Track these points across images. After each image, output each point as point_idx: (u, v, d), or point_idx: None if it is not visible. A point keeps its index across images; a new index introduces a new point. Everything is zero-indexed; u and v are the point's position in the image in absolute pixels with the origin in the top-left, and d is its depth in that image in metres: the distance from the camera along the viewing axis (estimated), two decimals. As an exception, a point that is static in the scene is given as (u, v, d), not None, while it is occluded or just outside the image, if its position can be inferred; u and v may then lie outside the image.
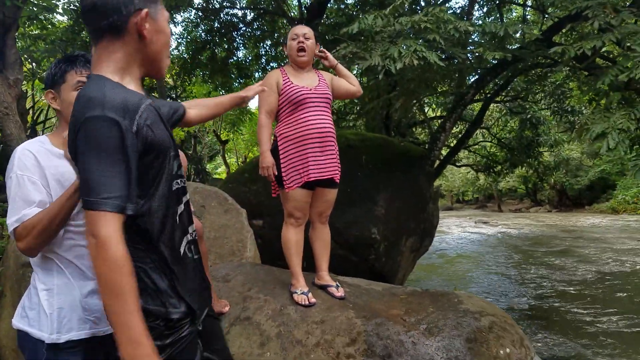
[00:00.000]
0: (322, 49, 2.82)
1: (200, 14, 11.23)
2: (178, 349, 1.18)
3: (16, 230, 1.36)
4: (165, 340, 1.16)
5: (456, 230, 17.49)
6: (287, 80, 2.65)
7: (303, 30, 2.68)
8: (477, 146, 14.78)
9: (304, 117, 2.58)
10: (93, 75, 1.13)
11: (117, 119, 1.03)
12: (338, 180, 2.72)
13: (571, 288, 7.39)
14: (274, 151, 2.65)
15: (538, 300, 6.71)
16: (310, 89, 2.63)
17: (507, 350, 2.32)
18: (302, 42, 2.65)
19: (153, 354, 1.01)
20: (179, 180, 1.24)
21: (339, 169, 2.71)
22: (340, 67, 2.87)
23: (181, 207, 1.25)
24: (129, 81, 1.17)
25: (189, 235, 1.27)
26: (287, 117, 2.63)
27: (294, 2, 12.17)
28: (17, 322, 1.45)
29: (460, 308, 2.53)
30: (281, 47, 11.77)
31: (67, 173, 1.46)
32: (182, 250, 1.23)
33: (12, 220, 1.36)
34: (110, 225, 1.00)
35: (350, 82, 2.85)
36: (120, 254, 1.00)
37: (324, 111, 2.64)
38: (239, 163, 25.21)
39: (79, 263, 1.44)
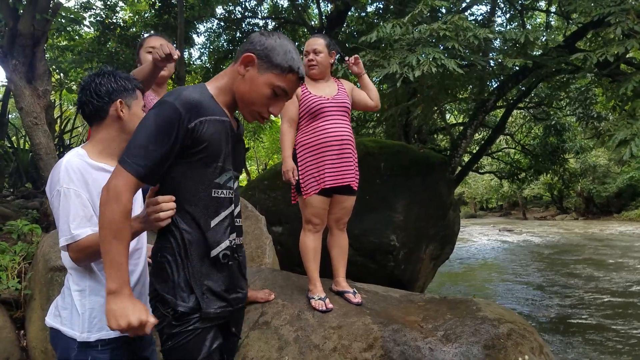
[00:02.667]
0: (356, 55, 2.86)
1: (222, 24, 11.45)
2: (181, 341, 1.27)
3: (68, 247, 1.42)
4: (171, 329, 1.27)
5: (479, 238, 17.25)
6: (306, 90, 2.71)
7: (314, 45, 2.71)
8: (500, 153, 14.58)
9: (322, 126, 2.63)
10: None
11: (180, 110, 1.23)
12: (356, 188, 2.75)
13: (598, 297, 7.21)
14: (293, 159, 2.70)
15: (562, 309, 6.57)
16: (328, 98, 2.68)
17: (526, 357, 2.30)
18: (312, 59, 2.70)
19: (130, 290, 1.21)
20: (223, 191, 1.36)
21: (357, 176, 2.74)
22: (365, 78, 2.90)
23: (221, 215, 1.35)
24: (222, 100, 1.40)
25: (228, 242, 1.36)
26: (306, 126, 2.68)
27: (315, 12, 12.30)
28: (51, 321, 1.51)
29: (479, 315, 2.51)
30: (301, 56, 11.88)
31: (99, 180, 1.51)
32: (214, 253, 1.33)
33: (62, 240, 1.42)
34: (125, 181, 1.20)
35: (370, 96, 2.87)
36: (127, 207, 1.20)
37: (342, 119, 2.68)
38: (259, 170, 25.43)
39: None
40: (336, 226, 2.82)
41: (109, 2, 9.34)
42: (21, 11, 4.09)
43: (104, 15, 9.17)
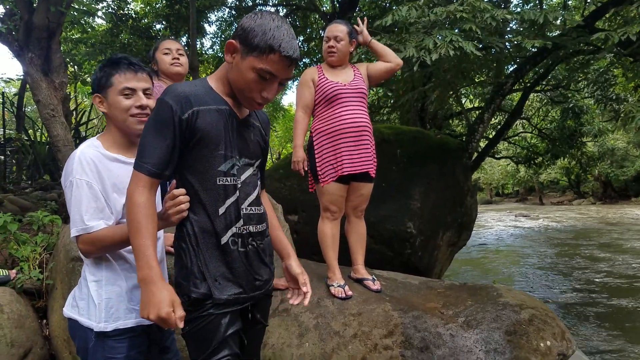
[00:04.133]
0: (356, 24, 2.83)
1: (233, 12, 11.39)
2: (197, 326, 1.32)
3: (78, 238, 1.44)
4: (187, 315, 1.30)
5: (496, 224, 17.10)
6: (322, 76, 2.68)
7: (335, 32, 2.69)
8: (517, 137, 14.36)
9: (339, 112, 2.61)
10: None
11: (171, 104, 1.28)
12: (374, 175, 2.72)
13: (617, 281, 7.10)
14: (309, 146, 2.68)
15: (581, 294, 6.49)
16: (345, 84, 2.66)
17: (548, 343, 2.27)
18: (332, 45, 2.69)
19: (161, 276, 1.24)
20: (227, 179, 1.37)
21: (375, 163, 2.71)
22: (375, 43, 2.86)
23: (227, 202, 1.36)
24: (222, 90, 1.41)
25: (234, 229, 1.37)
26: (322, 112, 2.66)
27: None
28: (68, 311, 1.53)
29: (500, 301, 2.48)
30: (314, 43, 11.80)
31: (122, 176, 1.50)
32: (224, 240, 1.35)
33: (74, 230, 1.43)
34: (139, 183, 1.28)
35: (386, 60, 2.83)
36: (141, 201, 1.26)
37: (359, 106, 2.66)
38: (273, 160, 25.46)
39: (130, 257, 1.51)
40: (354, 213, 2.80)
41: (121, -6, 9.36)
42: (35, 4, 4.11)
43: (115, 7, 9.18)
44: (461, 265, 8.83)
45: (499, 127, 11.23)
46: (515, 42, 5.03)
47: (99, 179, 1.46)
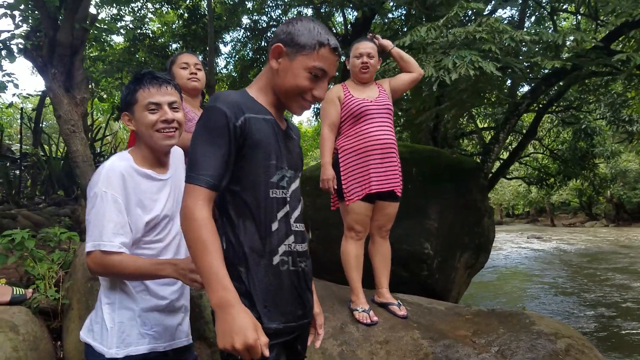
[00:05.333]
0: (375, 35, 2.84)
1: (248, 33, 11.52)
2: None
3: (91, 254, 1.37)
4: None
5: (508, 245, 16.86)
6: (348, 93, 2.66)
7: (368, 49, 2.69)
8: (528, 158, 14.26)
9: (366, 129, 2.57)
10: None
11: (224, 110, 1.21)
12: (400, 194, 2.67)
13: (638, 308, 6.91)
14: (335, 164, 2.63)
15: (604, 321, 6.30)
16: (371, 101, 2.63)
17: (587, 376, 2.17)
18: (366, 62, 2.68)
19: (239, 299, 1.11)
20: (278, 191, 1.29)
21: (401, 182, 2.65)
22: (397, 51, 2.88)
23: (279, 216, 1.28)
24: (264, 100, 1.36)
25: (285, 246, 1.28)
26: (349, 129, 2.63)
27: (338, 19, 12.27)
28: (84, 335, 1.47)
29: (534, 329, 2.39)
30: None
31: (148, 192, 1.47)
32: (275, 260, 1.26)
33: (90, 245, 1.37)
34: (199, 197, 1.16)
35: (409, 69, 2.85)
36: (204, 217, 1.15)
37: (385, 123, 2.63)
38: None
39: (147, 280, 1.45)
40: (379, 234, 2.73)
41: (138, 14, 9.50)
42: (60, 21, 4.16)
43: (133, 26, 9.32)
44: (477, 289, 8.65)
45: (510, 147, 11.18)
46: (534, 62, 5.00)
47: (124, 193, 1.41)
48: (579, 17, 10.18)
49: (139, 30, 9.44)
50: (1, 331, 2.47)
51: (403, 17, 9.61)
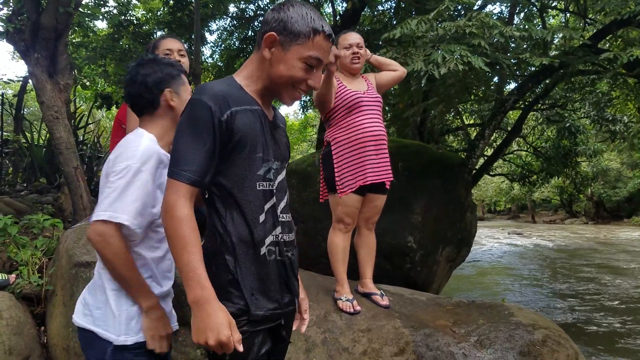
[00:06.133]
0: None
1: (235, 22, 11.40)
2: None
3: (105, 223, 1.30)
4: None
5: (489, 241, 17.10)
6: (341, 84, 2.66)
7: (357, 39, 2.69)
8: (512, 155, 14.44)
9: (359, 121, 2.58)
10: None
11: (209, 104, 1.18)
12: (388, 186, 2.70)
13: (616, 303, 7.09)
14: (328, 156, 2.63)
15: (580, 315, 6.46)
16: (364, 93, 2.64)
17: (563, 365, 2.23)
18: (357, 52, 2.68)
19: (215, 296, 1.13)
20: (264, 183, 1.28)
21: (391, 174, 2.69)
22: (377, 57, 2.91)
23: (265, 209, 1.28)
24: (252, 89, 1.34)
25: (272, 237, 1.29)
26: (341, 121, 2.62)
27: (327, 11, 12.22)
28: (80, 320, 1.43)
29: (512, 320, 2.45)
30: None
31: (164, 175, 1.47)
32: (262, 251, 1.27)
33: (106, 213, 1.30)
34: (180, 193, 1.16)
35: (392, 68, 2.88)
36: (184, 214, 1.14)
37: (377, 115, 2.64)
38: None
39: (153, 266, 1.45)
40: (365, 226, 2.76)
41: (122, 0, 9.34)
42: (44, 4, 4.07)
43: (117, 12, 9.14)
44: (457, 282, 8.78)
45: (495, 144, 11.30)
46: (522, 59, 5.06)
47: (154, 177, 1.40)
48: (568, 14, 10.31)
49: (123, 17, 9.27)
50: (-17, 316, 2.45)
51: (393, 10, 9.62)
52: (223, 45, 11.96)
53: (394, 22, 9.09)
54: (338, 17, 10.32)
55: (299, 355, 2.36)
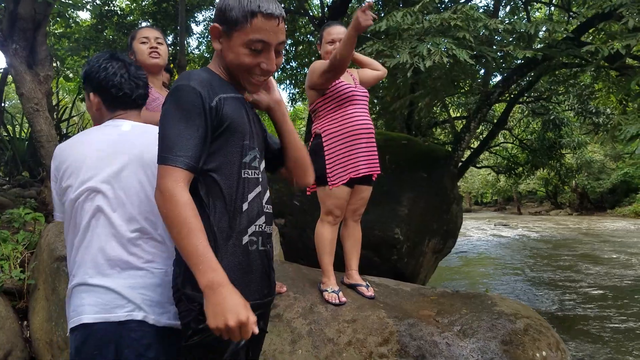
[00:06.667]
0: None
1: (221, 13, 11.27)
2: (207, 337, 1.18)
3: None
4: (198, 324, 1.18)
5: (475, 232, 17.29)
6: None
7: (339, 34, 2.63)
8: (498, 147, 14.57)
9: (351, 114, 2.58)
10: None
11: (199, 90, 1.17)
12: (375, 178, 2.72)
13: (598, 292, 7.23)
14: (318, 148, 2.61)
15: (563, 304, 6.58)
16: (355, 86, 2.64)
17: (544, 353, 2.26)
18: None
19: (227, 279, 1.10)
20: (250, 171, 1.28)
21: (379, 166, 2.71)
22: (358, 55, 2.89)
23: (249, 198, 1.27)
24: (229, 78, 1.32)
25: (255, 227, 1.28)
26: (331, 113, 2.61)
27: (315, 1, 12.17)
28: (167, 320, 1.39)
29: (495, 310, 2.47)
30: (302, 46, 11.78)
31: None
32: (245, 240, 1.26)
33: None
34: (178, 179, 1.13)
35: (374, 67, 2.87)
36: (185, 199, 1.12)
37: (365, 108, 2.66)
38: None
39: None
40: (352, 218, 2.77)
41: (106, -11, 9.20)
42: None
43: (100, 2, 9.00)
44: (444, 273, 8.87)
45: (481, 137, 11.38)
46: (507, 52, 5.10)
47: None
48: (552, 8, 10.39)
49: (106, 7, 9.13)
50: (-38, 311, 2.41)
51: (381, 2, 9.59)
52: (209, 36, 11.83)
53: (382, 15, 9.08)
54: (326, 8, 10.27)
55: (285, 347, 2.37)
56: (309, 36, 11.62)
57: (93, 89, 1.54)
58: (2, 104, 8.06)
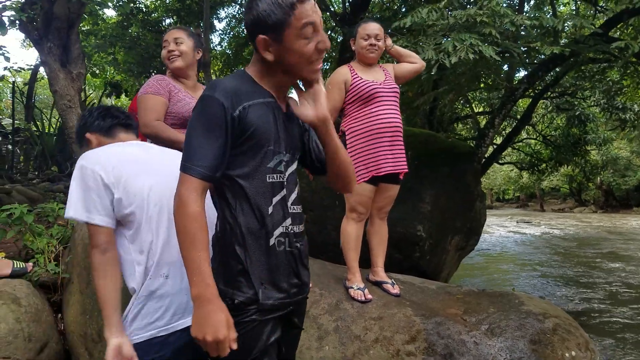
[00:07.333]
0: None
1: (243, 9, 11.34)
2: (238, 332, 1.22)
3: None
4: None
5: (497, 229, 17.07)
6: (356, 75, 2.66)
7: (375, 30, 2.66)
8: (521, 143, 14.34)
9: (375, 112, 2.59)
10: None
11: (222, 101, 1.20)
12: (402, 177, 2.72)
13: (624, 292, 7.08)
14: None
15: (590, 304, 6.47)
16: (380, 83, 2.64)
17: (573, 353, 2.25)
18: (374, 43, 2.67)
19: (217, 295, 1.17)
20: (274, 175, 1.31)
21: (406, 165, 2.70)
22: (397, 48, 2.88)
23: (274, 201, 1.31)
24: (266, 82, 1.34)
25: (282, 228, 1.31)
26: (356, 111, 2.64)
27: (336, -3, 12.13)
28: None
29: (522, 309, 2.46)
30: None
31: None
32: (272, 242, 1.29)
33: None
34: (192, 188, 1.18)
35: (411, 60, 2.86)
36: (196, 211, 1.17)
37: (393, 106, 2.65)
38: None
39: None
40: (378, 215, 2.78)
41: (131, -13, 9.33)
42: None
43: (127, 0, 9.14)
44: (466, 270, 8.81)
45: (504, 132, 11.23)
46: (532, 47, 5.01)
47: None
48: (578, 2, 10.16)
49: (132, 4, 9.27)
50: (3, 303, 2.50)
51: (402, -1, 9.53)
52: (232, 33, 11.93)
53: (404, 10, 9.01)
54: (347, 3, 10.24)
55: (312, 343, 2.40)
56: (330, 32, 11.60)
57: (85, 131, 1.75)
58: (32, 100, 8.27)
